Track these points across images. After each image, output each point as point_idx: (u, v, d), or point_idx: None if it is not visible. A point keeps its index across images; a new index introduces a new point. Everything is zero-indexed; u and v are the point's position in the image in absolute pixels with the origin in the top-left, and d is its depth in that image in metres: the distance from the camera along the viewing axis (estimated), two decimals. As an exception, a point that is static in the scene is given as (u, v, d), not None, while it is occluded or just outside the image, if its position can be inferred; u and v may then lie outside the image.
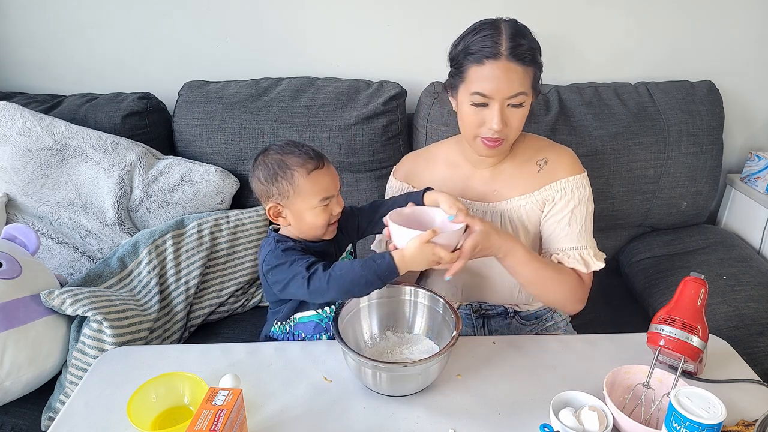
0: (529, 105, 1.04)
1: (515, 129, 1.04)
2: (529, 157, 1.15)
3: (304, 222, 1.00)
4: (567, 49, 1.71)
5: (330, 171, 1.01)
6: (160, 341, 1.26)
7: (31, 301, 1.14)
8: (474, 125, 1.04)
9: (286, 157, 0.98)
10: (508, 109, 1.01)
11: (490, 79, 0.98)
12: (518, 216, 1.14)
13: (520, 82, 0.99)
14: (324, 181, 0.99)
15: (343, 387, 0.93)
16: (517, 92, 0.99)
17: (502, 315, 1.23)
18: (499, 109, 1.00)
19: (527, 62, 0.99)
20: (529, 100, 1.02)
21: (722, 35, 1.70)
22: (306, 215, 0.99)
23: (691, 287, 0.90)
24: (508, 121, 1.02)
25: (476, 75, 1.00)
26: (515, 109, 1.01)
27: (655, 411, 0.85)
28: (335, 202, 1.02)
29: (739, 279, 1.41)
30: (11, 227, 1.25)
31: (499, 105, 1.00)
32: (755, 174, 1.70)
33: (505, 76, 0.98)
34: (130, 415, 0.81)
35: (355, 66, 1.73)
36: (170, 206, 1.50)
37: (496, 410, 0.88)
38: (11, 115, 1.46)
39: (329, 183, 1.00)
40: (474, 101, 1.02)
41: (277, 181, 0.98)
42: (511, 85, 0.98)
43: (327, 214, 1.00)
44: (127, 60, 1.75)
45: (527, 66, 0.99)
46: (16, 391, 1.11)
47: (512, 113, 1.02)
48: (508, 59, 0.97)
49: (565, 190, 1.11)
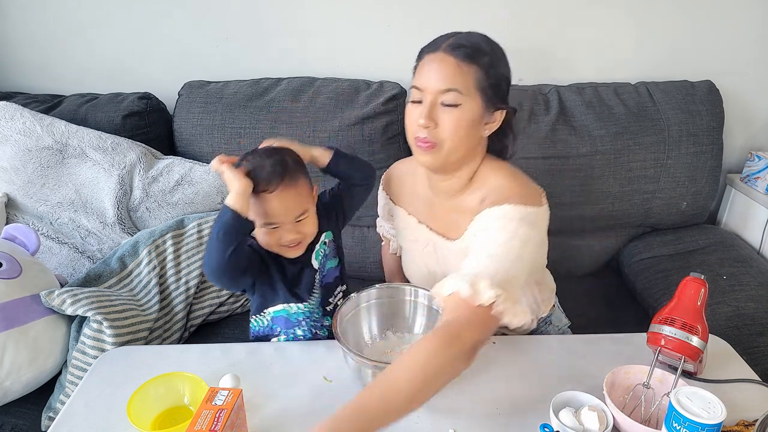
0: (473, 112, 0.92)
1: (449, 132, 0.91)
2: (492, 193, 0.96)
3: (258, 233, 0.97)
4: (567, 50, 1.71)
5: (281, 196, 0.91)
6: (159, 341, 1.26)
7: (31, 301, 1.14)
8: (409, 124, 0.96)
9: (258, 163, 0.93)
10: (441, 108, 0.91)
11: (423, 72, 0.93)
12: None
13: (453, 77, 0.90)
14: (267, 206, 0.92)
15: (343, 387, 0.93)
16: (448, 87, 0.90)
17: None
18: (429, 104, 0.91)
19: (466, 58, 0.90)
20: (469, 103, 0.91)
21: (722, 35, 1.70)
22: (257, 229, 0.96)
23: (691, 287, 0.90)
24: (439, 121, 0.91)
25: (417, 71, 0.95)
26: (448, 108, 0.91)
27: (655, 411, 0.85)
28: (287, 230, 0.94)
29: (739, 279, 1.41)
30: (11, 227, 1.25)
31: (430, 99, 0.91)
32: (755, 174, 1.70)
33: (437, 67, 0.91)
34: (130, 415, 0.81)
35: (355, 66, 1.73)
36: (170, 206, 1.50)
37: (496, 410, 0.88)
38: (11, 115, 1.46)
39: (273, 210, 0.92)
40: (411, 98, 0.95)
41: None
42: (441, 77, 0.90)
43: (274, 237, 0.95)
44: (127, 60, 1.75)
45: (466, 63, 0.90)
46: (16, 391, 1.11)
47: (444, 112, 0.91)
48: (444, 51, 0.91)
49: (489, 218, 0.92)
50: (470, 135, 0.94)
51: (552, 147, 1.54)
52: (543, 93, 1.62)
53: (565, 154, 1.55)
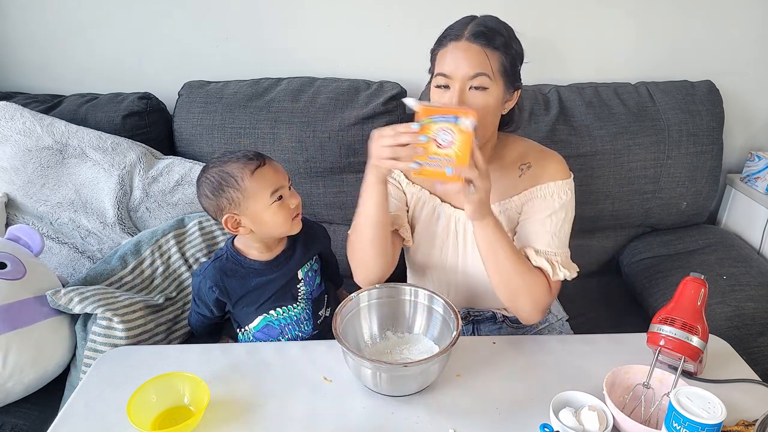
0: (498, 96, 0.99)
1: (480, 115, 0.95)
2: (513, 161, 1.10)
3: (264, 224, 1.01)
4: (567, 49, 1.71)
5: (274, 166, 1.02)
6: (166, 335, 1.25)
7: (35, 302, 1.13)
8: None
9: (226, 166, 0.99)
10: (470, 92, 0.97)
11: (449, 59, 0.97)
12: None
13: (481, 63, 0.96)
14: (269, 177, 1.00)
15: (343, 387, 0.93)
16: (476, 72, 0.96)
17: (491, 320, 1.21)
18: (459, 89, 0.97)
19: (490, 45, 0.96)
20: (495, 87, 0.98)
21: (722, 35, 1.70)
22: (263, 216, 1.00)
23: (691, 287, 0.90)
24: (468, 103, 0.97)
25: (440, 58, 1.00)
26: (477, 92, 0.97)
27: (655, 411, 0.85)
28: (289, 195, 1.02)
29: (739, 279, 1.41)
30: (15, 228, 1.25)
31: (459, 85, 0.97)
32: (755, 174, 1.70)
33: (465, 55, 0.96)
34: (130, 415, 0.81)
35: (355, 66, 1.73)
36: (170, 206, 1.50)
37: (496, 410, 0.88)
38: (11, 115, 1.46)
39: (275, 177, 1.01)
40: (437, 83, 1.00)
41: (224, 191, 0.98)
42: (470, 64, 0.96)
43: (284, 209, 1.01)
44: (127, 60, 1.75)
45: (491, 50, 0.96)
46: (17, 392, 1.11)
47: (474, 96, 0.97)
48: (469, 39, 0.96)
49: (545, 194, 1.07)
50: (495, 115, 1.02)
51: (552, 147, 1.51)
52: (543, 93, 1.62)
53: (565, 154, 1.52)
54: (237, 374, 0.96)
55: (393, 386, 0.90)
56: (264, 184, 0.99)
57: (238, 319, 1.09)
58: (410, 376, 0.88)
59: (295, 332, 1.06)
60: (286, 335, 1.06)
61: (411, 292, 1.04)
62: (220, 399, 0.89)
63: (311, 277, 1.09)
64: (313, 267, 1.11)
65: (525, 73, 1.09)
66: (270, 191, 0.99)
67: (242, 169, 0.98)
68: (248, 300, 1.05)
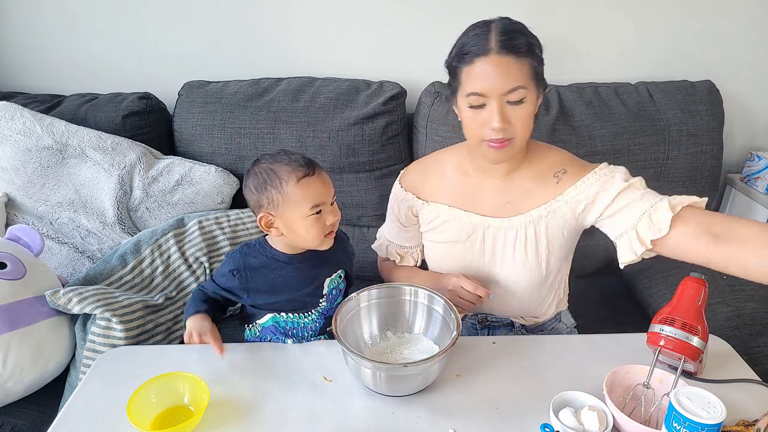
0: (534, 101, 0.97)
1: (521, 127, 0.97)
2: (548, 169, 1.07)
3: (296, 233, 0.98)
4: (567, 49, 1.71)
5: (322, 178, 0.98)
6: (166, 335, 1.25)
7: (35, 303, 1.14)
8: (476, 128, 0.98)
9: (275, 165, 0.96)
10: (508, 106, 0.95)
11: (482, 77, 0.94)
12: (537, 230, 1.06)
13: (515, 75, 0.93)
14: (314, 188, 0.96)
15: (343, 387, 0.93)
16: (513, 87, 0.93)
17: (508, 327, 1.20)
18: (498, 107, 0.94)
19: (520, 54, 0.93)
20: (530, 94, 0.96)
21: (722, 35, 1.70)
22: (298, 226, 0.96)
23: (691, 287, 0.90)
24: (509, 119, 0.95)
25: (469, 75, 0.96)
26: (516, 105, 0.95)
27: (655, 411, 0.85)
28: (329, 210, 0.98)
29: (739, 279, 1.38)
30: (15, 228, 1.25)
31: (497, 102, 0.94)
32: (755, 174, 1.70)
33: (497, 71, 0.93)
34: (130, 415, 0.81)
35: (355, 66, 1.73)
36: (170, 206, 1.50)
37: (496, 410, 0.88)
38: (11, 115, 1.46)
39: (320, 190, 0.97)
40: (471, 103, 0.97)
41: (266, 189, 0.96)
42: (506, 79, 0.93)
43: (320, 224, 0.97)
44: (127, 60, 1.75)
45: (521, 58, 0.93)
46: (17, 392, 1.11)
47: (513, 110, 0.95)
48: (498, 53, 0.93)
49: (599, 179, 1.03)
50: (532, 122, 0.99)
51: (552, 147, 1.54)
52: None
53: (565, 154, 1.55)
54: (237, 374, 0.96)
55: (393, 386, 0.90)
56: (307, 194, 0.95)
57: (250, 313, 1.08)
58: (410, 376, 0.88)
59: (298, 337, 1.06)
60: (290, 338, 1.06)
61: (411, 292, 1.04)
62: (220, 399, 0.89)
63: (335, 295, 1.07)
64: (339, 285, 1.08)
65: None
66: (311, 204, 0.95)
67: (290, 173, 0.95)
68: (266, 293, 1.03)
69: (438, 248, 1.17)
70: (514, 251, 1.08)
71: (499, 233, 1.08)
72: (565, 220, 1.06)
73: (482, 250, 1.11)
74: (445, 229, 1.13)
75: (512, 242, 1.08)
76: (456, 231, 1.11)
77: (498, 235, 1.09)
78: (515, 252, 1.08)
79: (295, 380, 0.95)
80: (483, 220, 1.09)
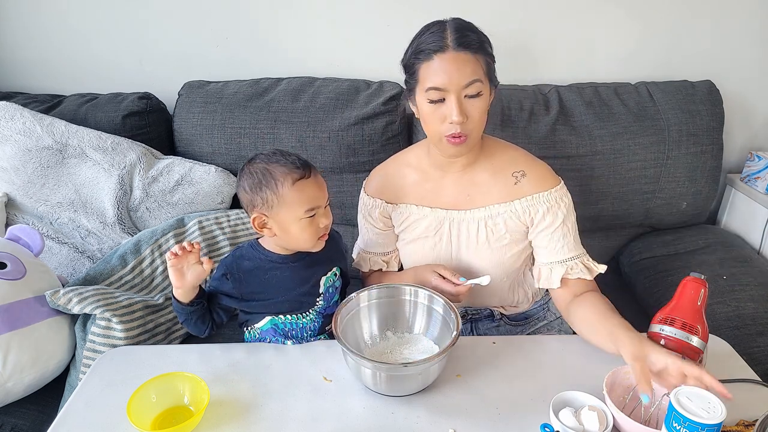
0: (488, 97, 1.02)
1: (477, 121, 1.01)
2: (504, 167, 1.12)
3: (289, 235, 0.98)
4: (567, 49, 1.71)
5: (317, 181, 0.98)
6: (166, 335, 1.25)
7: (35, 303, 1.14)
8: (435, 124, 1.01)
9: (271, 166, 0.96)
10: (466, 100, 0.98)
11: (441, 72, 0.97)
12: (496, 224, 1.11)
13: (472, 69, 0.97)
14: (310, 191, 0.96)
15: (343, 387, 0.93)
16: (470, 80, 0.97)
17: (489, 318, 1.23)
18: (457, 100, 0.97)
19: (476, 50, 0.98)
20: (486, 89, 1.00)
21: (722, 35, 1.70)
22: (291, 228, 0.96)
23: (691, 287, 0.90)
24: (468, 113, 0.99)
25: (427, 71, 0.99)
26: (473, 99, 0.99)
27: (655, 411, 0.85)
28: (322, 213, 0.99)
29: (739, 279, 1.41)
30: (16, 228, 1.25)
31: (456, 96, 0.97)
32: (755, 174, 1.70)
33: (455, 66, 0.97)
34: (130, 415, 0.81)
35: (355, 66, 1.73)
36: (170, 206, 1.50)
37: (496, 410, 0.88)
38: (11, 115, 1.46)
39: (316, 193, 0.97)
40: (430, 98, 0.99)
41: (261, 190, 0.95)
42: (463, 73, 0.97)
43: (313, 227, 0.97)
44: (127, 60, 1.75)
45: (477, 54, 0.98)
46: (17, 392, 1.11)
47: (471, 104, 0.99)
48: (456, 49, 0.97)
49: (550, 202, 1.09)
50: (486, 117, 1.03)
51: (552, 147, 1.54)
52: (543, 93, 1.62)
53: (565, 154, 1.55)
54: (237, 374, 0.96)
55: (393, 386, 0.90)
56: (302, 197, 0.95)
57: (247, 317, 1.07)
58: (410, 376, 0.88)
59: (298, 338, 1.06)
60: (289, 339, 1.06)
61: (411, 292, 1.04)
62: (220, 399, 0.90)
63: (331, 293, 1.07)
64: (335, 284, 1.08)
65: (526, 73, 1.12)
66: (306, 207, 0.95)
67: (286, 174, 0.95)
68: (261, 295, 1.03)
69: (410, 246, 1.19)
70: (477, 242, 1.13)
71: (462, 225, 1.13)
72: (522, 222, 1.12)
73: (449, 242, 1.15)
74: (416, 228, 1.16)
75: (474, 233, 1.13)
76: (425, 227, 1.15)
77: (462, 227, 1.13)
78: (478, 242, 1.13)
79: (295, 380, 0.95)
80: (447, 214, 1.14)
